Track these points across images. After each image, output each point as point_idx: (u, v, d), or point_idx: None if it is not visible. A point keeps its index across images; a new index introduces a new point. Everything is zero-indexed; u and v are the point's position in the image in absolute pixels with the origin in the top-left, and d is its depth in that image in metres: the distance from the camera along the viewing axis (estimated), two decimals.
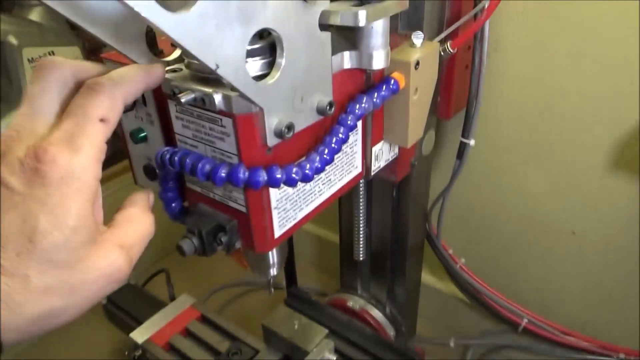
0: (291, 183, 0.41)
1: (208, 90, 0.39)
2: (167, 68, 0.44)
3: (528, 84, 0.74)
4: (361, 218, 0.73)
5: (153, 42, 0.44)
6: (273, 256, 0.55)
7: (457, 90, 0.67)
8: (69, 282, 0.29)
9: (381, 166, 0.59)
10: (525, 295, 0.89)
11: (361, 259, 0.78)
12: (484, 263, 0.90)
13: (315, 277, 1.25)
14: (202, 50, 0.32)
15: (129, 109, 0.50)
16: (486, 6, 0.54)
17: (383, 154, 0.59)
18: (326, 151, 0.44)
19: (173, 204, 0.51)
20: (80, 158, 0.29)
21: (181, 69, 0.43)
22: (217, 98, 0.39)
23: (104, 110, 0.31)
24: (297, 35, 0.39)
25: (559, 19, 0.67)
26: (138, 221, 0.36)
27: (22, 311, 0.28)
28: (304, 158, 0.43)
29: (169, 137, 0.49)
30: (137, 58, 0.42)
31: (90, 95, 0.30)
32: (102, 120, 0.31)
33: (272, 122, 0.40)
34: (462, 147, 0.65)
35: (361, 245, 0.77)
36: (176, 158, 0.42)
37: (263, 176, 0.40)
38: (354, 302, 0.85)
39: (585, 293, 0.85)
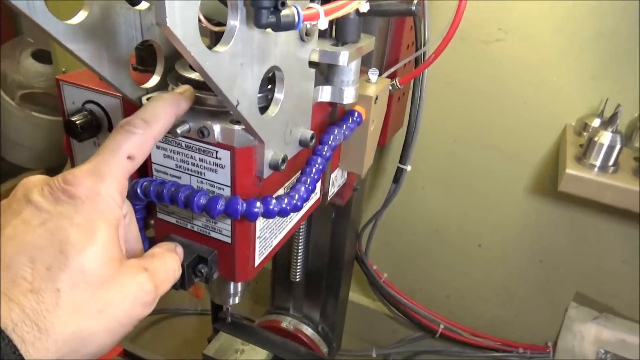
0: (284, 213, 0.42)
1: (206, 122, 0.39)
2: (147, 96, 0.42)
3: (444, 113, 0.83)
4: (301, 241, 0.75)
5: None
6: (237, 285, 0.55)
7: (391, 119, 0.73)
8: (99, 299, 0.28)
9: (334, 192, 0.62)
10: (438, 302, 0.99)
11: (297, 280, 0.80)
12: (403, 276, 0.98)
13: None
14: (229, 88, 0.32)
15: (90, 136, 0.46)
16: (428, 51, 0.60)
17: (337, 180, 0.62)
18: (308, 181, 0.46)
19: None
20: (104, 184, 0.30)
21: None
22: (217, 130, 0.39)
23: (133, 149, 0.32)
24: (293, 71, 0.41)
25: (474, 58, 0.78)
26: (164, 258, 0.35)
27: (52, 331, 0.26)
28: (290, 189, 0.45)
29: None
30: (116, 82, 0.40)
31: (122, 135, 0.32)
32: (129, 157, 0.32)
33: (268, 154, 0.41)
34: (399, 172, 0.71)
35: (299, 267, 0.79)
36: (165, 190, 0.40)
37: (260, 208, 0.40)
38: (288, 322, 0.86)
39: (489, 298, 0.96)
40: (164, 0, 0.24)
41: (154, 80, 0.44)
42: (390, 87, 0.61)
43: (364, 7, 0.36)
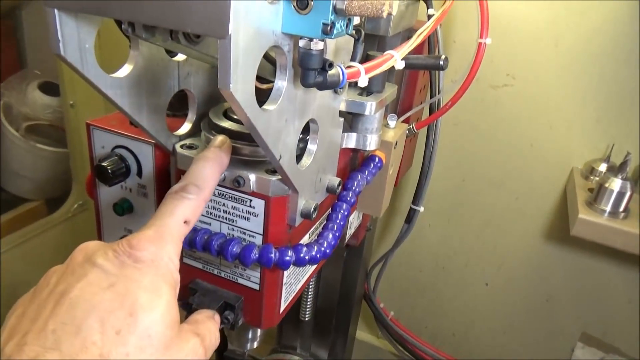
0: (314, 261, 0.42)
1: (242, 172, 0.39)
2: (180, 143, 0.43)
3: (452, 153, 0.85)
4: (312, 280, 0.75)
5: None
6: (256, 330, 0.55)
7: (403, 160, 0.74)
8: None
9: (352, 233, 0.63)
10: (443, 339, 0.98)
11: (307, 319, 0.79)
12: (408, 313, 0.98)
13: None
14: (274, 143, 0.33)
15: (119, 181, 0.47)
16: (442, 99, 0.63)
17: (354, 222, 0.63)
18: (335, 227, 0.46)
19: None
20: (166, 248, 0.31)
21: (197, 146, 0.43)
22: (252, 179, 0.39)
23: (189, 213, 0.33)
24: (326, 122, 0.42)
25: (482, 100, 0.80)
26: (208, 324, 0.35)
27: None
28: (318, 236, 0.45)
29: None
30: (152, 130, 0.41)
31: (179, 200, 0.33)
32: (185, 221, 0.32)
33: (301, 203, 0.41)
34: (412, 212, 0.72)
35: (309, 306, 0.78)
36: (197, 238, 0.40)
37: (291, 257, 0.40)
38: None
39: (495, 336, 0.96)
40: (229, 68, 0.25)
41: (186, 127, 0.45)
42: (407, 132, 0.62)
43: (399, 65, 0.37)
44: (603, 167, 0.72)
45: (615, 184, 0.63)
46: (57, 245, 1.17)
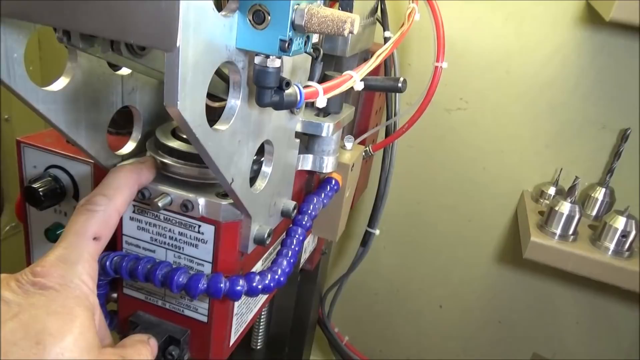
0: (267, 290, 0.40)
1: (190, 195, 0.36)
2: (123, 163, 0.40)
3: (406, 175, 0.85)
4: (265, 306, 0.72)
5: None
6: None
7: (359, 184, 0.73)
8: None
9: (306, 258, 0.61)
10: None
11: (259, 347, 0.76)
12: (363, 337, 0.96)
13: None
14: (226, 166, 0.31)
15: (52, 204, 0.42)
16: (398, 121, 0.62)
17: (309, 246, 0.60)
18: (290, 253, 0.44)
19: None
20: (75, 270, 0.29)
21: None
22: (201, 204, 0.36)
23: (98, 228, 0.31)
24: (281, 143, 0.40)
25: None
26: (137, 348, 0.33)
27: None
28: (272, 263, 0.43)
29: None
30: (92, 149, 0.37)
31: (85, 215, 0.31)
32: (95, 238, 0.31)
33: (254, 229, 0.39)
34: (367, 235, 0.71)
35: (261, 333, 0.75)
36: (139, 267, 0.37)
37: (243, 286, 0.38)
38: None
39: (447, 357, 0.96)
40: (177, 83, 0.23)
41: (130, 146, 0.41)
42: (364, 154, 0.61)
43: (359, 86, 0.36)
44: (552, 191, 0.74)
45: (565, 207, 0.64)
46: None
